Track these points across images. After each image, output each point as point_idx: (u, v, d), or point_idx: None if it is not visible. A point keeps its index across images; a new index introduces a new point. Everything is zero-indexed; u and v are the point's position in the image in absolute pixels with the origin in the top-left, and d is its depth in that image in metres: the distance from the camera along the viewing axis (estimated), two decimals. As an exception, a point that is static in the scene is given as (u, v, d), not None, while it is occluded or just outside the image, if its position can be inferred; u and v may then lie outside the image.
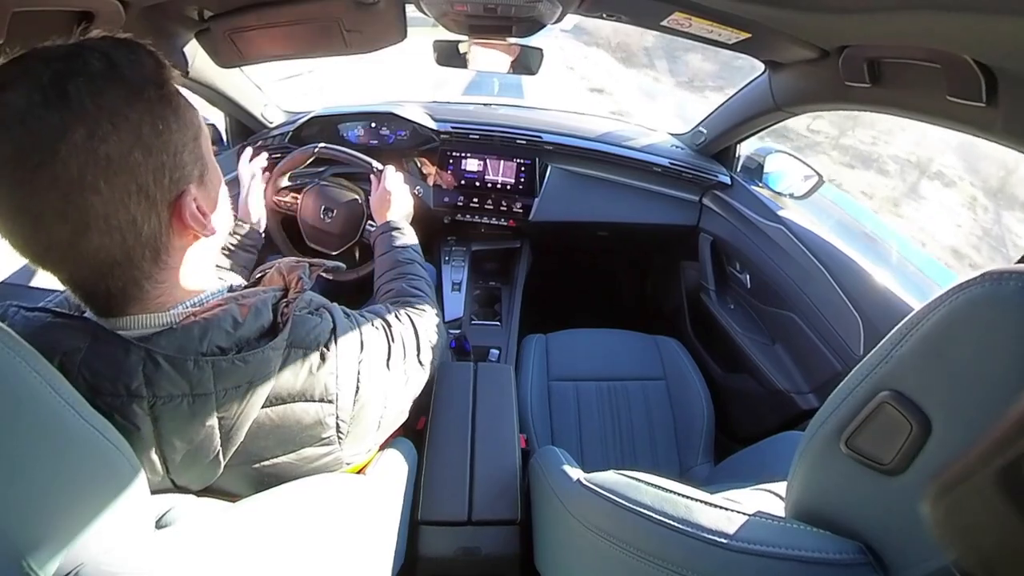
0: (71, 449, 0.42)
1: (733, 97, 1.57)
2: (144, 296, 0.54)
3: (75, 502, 0.43)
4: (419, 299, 0.98)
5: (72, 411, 0.42)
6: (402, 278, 1.04)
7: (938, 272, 1.48)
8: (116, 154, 0.46)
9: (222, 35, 1.19)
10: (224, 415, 0.54)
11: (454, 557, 0.94)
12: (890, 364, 0.44)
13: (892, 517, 0.46)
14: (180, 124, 0.52)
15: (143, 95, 0.48)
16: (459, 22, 1.31)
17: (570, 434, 1.46)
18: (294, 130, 1.72)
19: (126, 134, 0.47)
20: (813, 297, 1.37)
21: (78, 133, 0.44)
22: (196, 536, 0.48)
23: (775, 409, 1.47)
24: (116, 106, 0.46)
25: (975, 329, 0.39)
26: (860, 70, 0.96)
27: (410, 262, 1.08)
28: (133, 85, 0.48)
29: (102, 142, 0.45)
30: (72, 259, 0.49)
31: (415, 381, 0.81)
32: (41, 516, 0.40)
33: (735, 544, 0.51)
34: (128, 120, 0.47)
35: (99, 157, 0.45)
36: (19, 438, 0.39)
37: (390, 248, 1.11)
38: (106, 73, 0.47)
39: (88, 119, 0.45)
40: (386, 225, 1.17)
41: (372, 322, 0.75)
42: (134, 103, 0.48)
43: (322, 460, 0.64)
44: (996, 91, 0.74)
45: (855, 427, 0.46)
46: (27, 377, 0.39)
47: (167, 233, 0.53)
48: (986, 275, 0.38)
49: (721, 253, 1.81)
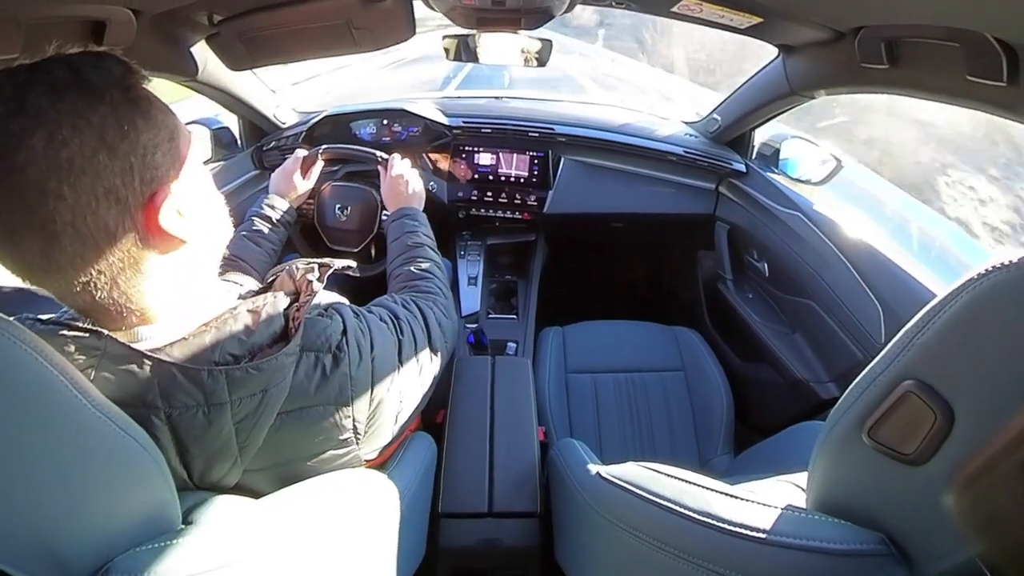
0: (98, 448, 0.43)
1: (747, 83, 1.54)
2: (140, 308, 0.53)
3: (104, 500, 0.44)
4: (426, 281, 0.97)
5: (93, 409, 0.43)
6: (411, 262, 1.03)
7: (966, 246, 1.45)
8: (78, 157, 0.45)
9: (232, 38, 1.20)
10: (240, 424, 0.54)
11: (475, 549, 0.94)
12: (912, 352, 0.44)
13: (915, 508, 0.45)
14: (149, 125, 0.50)
15: (105, 98, 0.47)
16: (468, 16, 1.31)
17: (588, 426, 1.46)
18: (307, 130, 1.73)
19: (88, 137, 0.45)
20: (832, 284, 1.35)
21: (36, 137, 0.43)
22: (221, 533, 0.49)
23: (795, 399, 1.45)
24: (76, 109, 0.45)
25: (999, 315, 0.38)
26: (877, 51, 0.94)
27: (419, 245, 1.08)
28: (95, 88, 0.47)
29: (62, 146, 0.44)
30: (52, 272, 0.48)
31: (429, 369, 0.80)
32: (71, 514, 0.41)
33: (756, 536, 0.50)
34: (89, 123, 0.45)
35: (60, 161, 0.44)
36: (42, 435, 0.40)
37: (401, 234, 1.11)
38: (67, 79, 0.46)
39: (47, 123, 0.44)
40: (397, 212, 1.17)
41: (380, 316, 0.74)
42: (96, 106, 0.46)
43: (341, 460, 0.65)
44: (1018, 69, 0.72)
45: (877, 417, 0.45)
46: (49, 376, 0.40)
47: (144, 237, 0.51)
48: (1010, 261, 0.37)
49: (738, 242, 1.78)
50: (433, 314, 0.86)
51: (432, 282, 0.98)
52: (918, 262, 1.24)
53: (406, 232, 1.11)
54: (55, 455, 0.40)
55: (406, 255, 1.05)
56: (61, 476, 0.41)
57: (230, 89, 1.50)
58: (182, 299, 0.56)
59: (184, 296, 0.57)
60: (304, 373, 0.59)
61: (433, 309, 0.87)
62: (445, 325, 0.89)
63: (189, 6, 1.02)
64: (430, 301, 0.89)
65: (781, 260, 1.55)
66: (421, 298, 0.88)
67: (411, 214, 1.16)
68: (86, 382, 0.43)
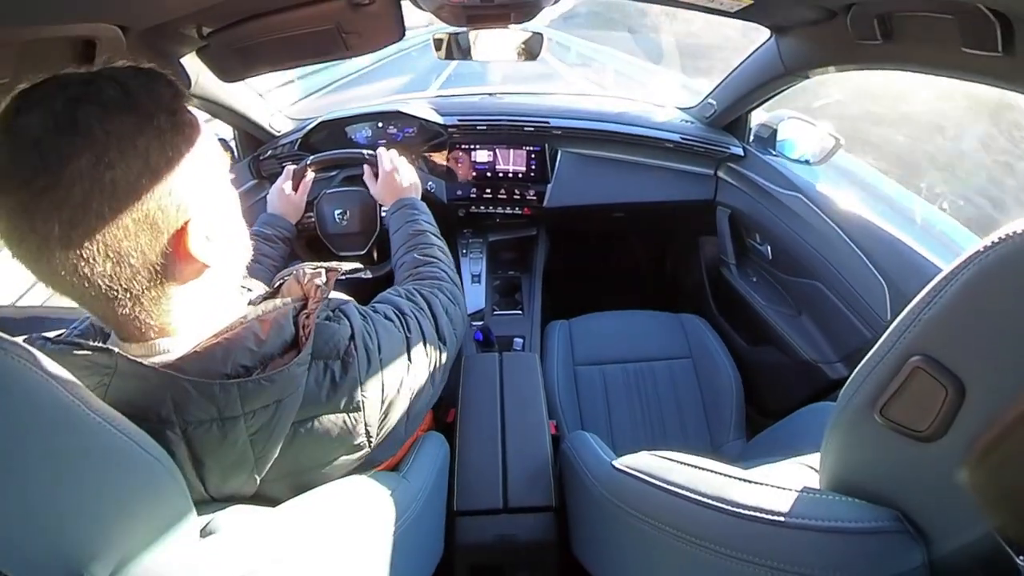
0: (113, 463, 0.43)
1: (741, 66, 1.53)
2: (162, 323, 0.54)
3: (121, 514, 0.44)
4: (431, 266, 0.96)
5: (109, 427, 0.43)
6: (414, 249, 1.02)
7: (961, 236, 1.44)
8: (122, 180, 0.46)
9: (222, 50, 1.20)
10: (255, 435, 0.54)
11: (492, 545, 0.95)
12: (919, 328, 0.43)
13: (930, 484, 0.45)
14: (191, 151, 0.52)
15: (153, 122, 0.48)
16: (457, 14, 1.30)
17: (599, 418, 1.46)
18: (302, 137, 1.73)
19: (133, 160, 0.46)
20: (836, 264, 1.35)
21: (84, 159, 0.44)
22: (240, 543, 0.50)
23: (804, 380, 1.45)
24: (124, 133, 0.46)
25: (1008, 287, 0.38)
26: (871, 27, 0.93)
27: (420, 232, 1.07)
28: (144, 113, 0.48)
29: (108, 168, 0.45)
30: (79, 285, 0.48)
31: (439, 361, 0.79)
32: (89, 529, 0.42)
33: (772, 519, 0.50)
34: (136, 147, 0.47)
35: (104, 183, 0.45)
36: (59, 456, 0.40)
37: (402, 224, 1.10)
38: (118, 101, 0.47)
39: (96, 145, 0.45)
40: (395, 204, 1.16)
41: (385, 314, 0.74)
42: (144, 130, 0.47)
43: (356, 464, 0.65)
44: (1013, 39, 0.71)
45: (889, 395, 0.45)
46: (59, 396, 0.40)
47: (173, 262, 0.51)
48: (1014, 233, 0.37)
49: (740, 226, 1.78)
50: (439, 302, 0.85)
51: (436, 266, 0.97)
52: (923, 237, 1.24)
53: (407, 222, 1.10)
54: (70, 472, 0.41)
55: (408, 243, 1.05)
56: (78, 492, 0.41)
57: (223, 101, 1.50)
58: (202, 314, 0.57)
59: (204, 311, 0.57)
60: (315, 381, 0.59)
61: (439, 296, 0.86)
62: (452, 312, 0.87)
63: (177, 20, 1.02)
64: (435, 288, 0.88)
65: (783, 242, 1.54)
66: (426, 286, 0.87)
67: (409, 203, 1.15)
68: (98, 400, 0.44)
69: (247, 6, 1.08)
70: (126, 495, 0.44)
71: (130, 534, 0.44)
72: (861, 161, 1.92)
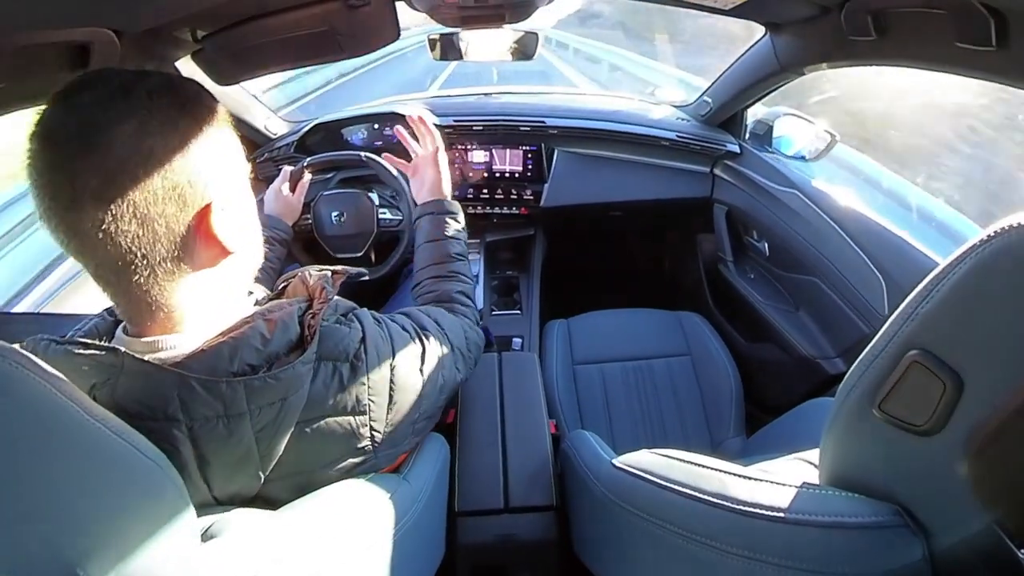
0: (110, 467, 0.43)
1: (736, 63, 1.53)
2: (169, 305, 0.54)
3: (121, 519, 0.44)
4: (464, 307, 0.95)
5: (106, 430, 0.43)
6: (452, 279, 0.98)
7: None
8: (160, 150, 0.50)
9: (217, 53, 1.19)
10: (260, 433, 0.55)
11: (493, 545, 0.95)
12: (916, 322, 0.44)
13: (930, 479, 0.45)
14: (222, 147, 0.56)
15: (193, 111, 0.53)
16: (451, 15, 1.30)
17: (599, 417, 1.46)
18: (298, 139, 1.73)
19: (172, 136, 0.51)
20: (833, 260, 1.35)
21: (130, 123, 0.48)
22: (241, 546, 0.49)
23: (803, 376, 1.45)
24: (169, 111, 0.51)
25: (1003, 281, 0.38)
26: (864, 23, 0.93)
27: (462, 258, 1.02)
28: (187, 100, 0.53)
29: (149, 136, 0.49)
30: (101, 244, 0.49)
31: (450, 385, 0.80)
32: (87, 533, 0.42)
33: (772, 515, 0.50)
34: (176, 126, 0.51)
35: (143, 149, 0.49)
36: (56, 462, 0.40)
37: (440, 236, 1.02)
38: (165, 86, 0.52)
39: (142, 114, 0.49)
40: (435, 204, 1.06)
41: (403, 325, 0.74)
42: (185, 113, 0.52)
43: (359, 467, 0.65)
44: (1007, 33, 0.71)
45: (885, 389, 0.45)
46: (57, 401, 0.40)
47: (193, 238, 0.53)
48: (1011, 226, 0.37)
49: (737, 223, 1.78)
50: (465, 336, 0.86)
51: (470, 309, 0.96)
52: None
53: (448, 237, 1.02)
54: (67, 478, 0.40)
55: (447, 268, 0.99)
56: (75, 498, 0.41)
57: (219, 104, 1.49)
58: (211, 309, 0.58)
59: (213, 306, 0.58)
60: (322, 382, 0.59)
61: (467, 331, 0.88)
62: (475, 347, 0.89)
63: (171, 23, 1.01)
64: (465, 323, 0.89)
65: (781, 238, 1.54)
66: (452, 318, 0.87)
67: (452, 212, 1.06)
68: (95, 405, 0.44)
69: (241, 9, 1.08)
70: (124, 500, 0.44)
71: (129, 539, 0.44)
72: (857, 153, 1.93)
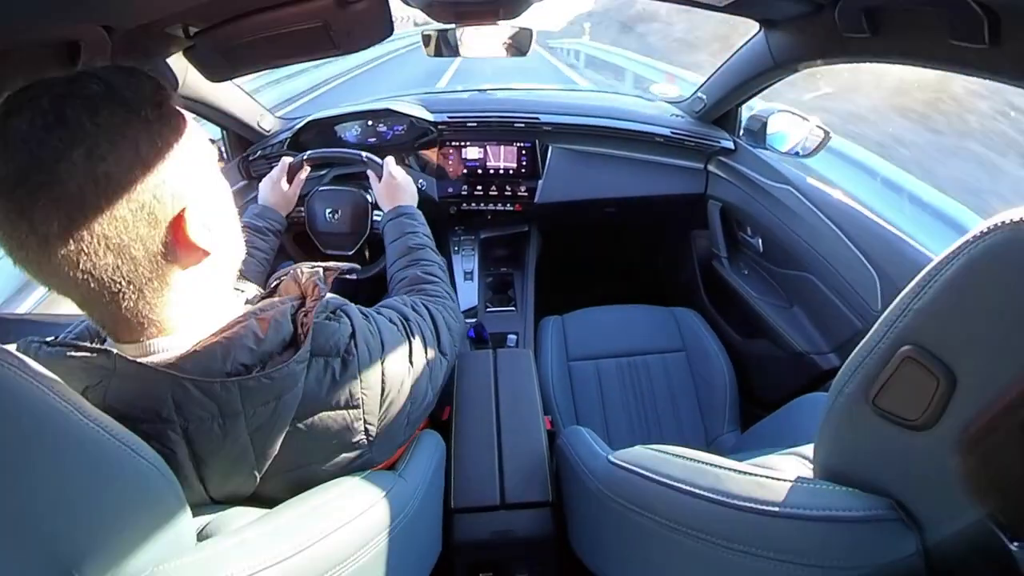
0: (106, 468, 0.43)
1: (730, 59, 1.54)
2: (160, 319, 0.54)
3: (116, 520, 0.44)
4: (434, 285, 0.97)
5: (101, 432, 0.43)
6: (416, 264, 1.03)
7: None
8: (116, 172, 0.46)
9: (209, 50, 1.19)
10: (256, 433, 0.55)
11: (490, 541, 0.95)
12: (909, 318, 0.44)
13: (923, 473, 0.45)
14: (180, 141, 0.52)
15: (140, 114, 0.49)
16: (446, 11, 1.30)
17: (594, 413, 1.47)
18: (292, 136, 1.72)
19: (124, 152, 0.47)
20: (827, 255, 1.36)
21: (76, 152, 0.45)
22: (237, 545, 0.49)
23: (797, 372, 1.46)
24: (113, 125, 0.47)
25: (995, 277, 0.38)
26: (858, 20, 0.93)
27: (421, 247, 1.08)
28: (130, 105, 0.48)
29: (100, 160, 0.46)
30: (83, 282, 0.48)
31: (439, 371, 0.81)
32: (85, 538, 0.41)
33: (766, 509, 0.51)
34: (125, 138, 0.47)
35: (98, 176, 0.45)
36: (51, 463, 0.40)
37: (401, 234, 1.10)
38: (103, 95, 0.47)
39: (86, 139, 0.45)
40: (395, 211, 1.16)
41: (389, 319, 0.74)
42: (131, 121, 0.48)
43: (355, 463, 0.65)
44: (999, 31, 0.72)
45: (880, 385, 0.46)
46: (53, 404, 0.40)
47: (172, 251, 0.52)
48: (1004, 221, 0.37)
49: (731, 219, 1.79)
50: (443, 317, 0.87)
51: (439, 286, 0.98)
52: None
53: (407, 233, 1.10)
54: (61, 479, 0.40)
55: (409, 256, 1.05)
56: (71, 502, 0.41)
57: (211, 101, 1.49)
58: (200, 310, 0.57)
59: (202, 307, 0.57)
60: (315, 378, 0.59)
61: (442, 312, 0.88)
62: (454, 328, 0.90)
63: (162, 20, 1.01)
64: (439, 304, 0.90)
65: (774, 235, 1.55)
66: (431, 301, 0.89)
67: (409, 213, 1.16)
68: (90, 406, 0.43)
69: (234, 5, 1.07)
70: (120, 501, 0.44)
71: (124, 540, 0.44)
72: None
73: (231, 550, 0.48)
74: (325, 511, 0.58)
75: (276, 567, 0.49)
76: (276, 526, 0.53)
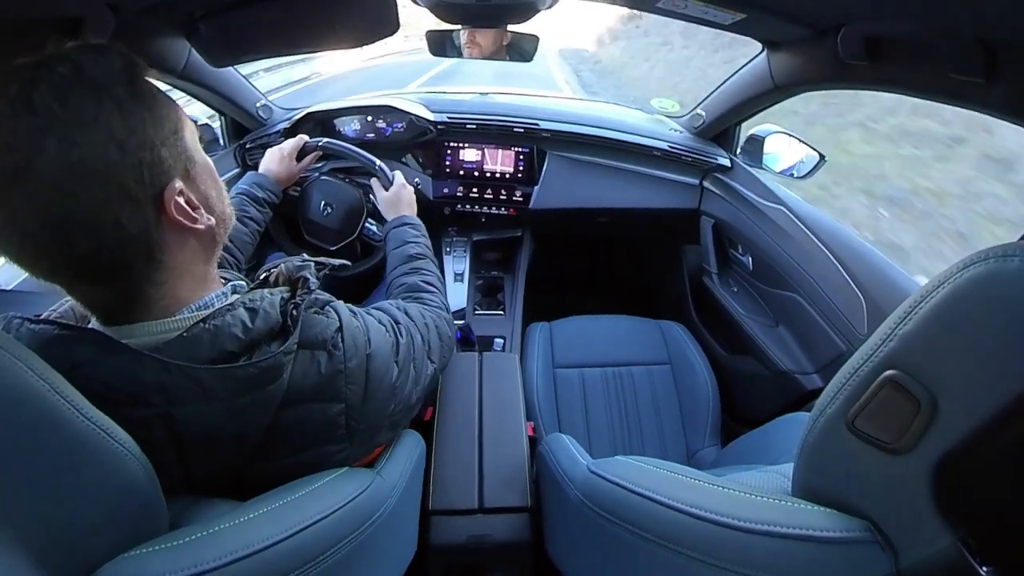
0: (78, 451, 0.42)
1: (731, 78, 1.55)
2: (147, 301, 0.54)
3: (84, 503, 0.43)
4: (431, 294, 1.00)
5: (76, 413, 0.42)
6: (415, 273, 1.06)
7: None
8: (90, 156, 0.45)
9: (213, 35, 1.18)
10: (239, 420, 0.54)
11: (466, 545, 0.94)
12: (894, 343, 0.45)
13: (899, 495, 0.46)
14: (156, 119, 0.51)
15: (111, 93, 0.48)
16: (452, 12, 1.30)
17: (577, 421, 1.47)
18: (291, 127, 1.71)
19: (97, 135, 0.46)
20: (816, 277, 1.37)
21: (48, 140, 0.44)
22: (210, 536, 0.49)
23: (781, 391, 1.47)
24: (84, 108, 0.46)
25: (979, 307, 0.39)
26: (859, 48, 0.95)
27: (423, 257, 1.11)
28: (101, 86, 0.47)
29: (74, 147, 0.45)
30: (65, 267, 0.48)
31: (425, 376, 0.82)
32: (55, 521, 0.41)
33: (743, 525, 0.51)
34: (97, 122, 0.46)
35: (73, 162, 0.45)
36: (24, 441, 0.39)
37: (403, 243, 1.13)
38: (71, 77, 0.46)
39: (57, 125, 0.44)
40: (399, 219, 1.19)
41: (379, 319, 0.75)
42: (103, 103, 0.47)
43: (334, 457, 0.65)
44: (996, 65, 0.73)
45: (860, 407, 0.46)
46: (29, 380, 0.39)
47: (157, 231, 0.51)
48: (990, 253, 0.38)
49: (723, 236, 1.80)
50: (435, 325, 0.89)
51: (436, 296, 1.01)
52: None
53: (408, 241, 1.13)
54: (36, 461, 0.40)
55: (410, 265, 1.08)
56: (43, 483, 0.40)
57: (212, 86, 1.48)
58: (186, 291, 0.57)
59: (188, 288, 0.57)
60: (300, 370, 0.59)
61: (436, 320, 0.90)
62: (445, 337, 0.91)
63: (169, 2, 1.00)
64: (434, 313, 0.92)
65: (765, 254, 1.56)
66: (426, 309, 0.91)
67: (412, 223, 1.19)
68: (69, 387, 0.43)
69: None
70: (89, 484, 0.43)
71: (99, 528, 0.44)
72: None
73: (202, 540, 0.48)
74: (300, 505, 0.57)
75: (247, 560, 0.48)
76: (249, 518, 0.53)
